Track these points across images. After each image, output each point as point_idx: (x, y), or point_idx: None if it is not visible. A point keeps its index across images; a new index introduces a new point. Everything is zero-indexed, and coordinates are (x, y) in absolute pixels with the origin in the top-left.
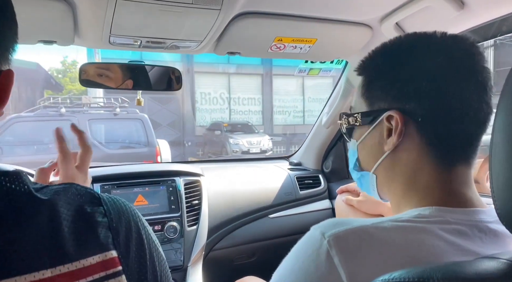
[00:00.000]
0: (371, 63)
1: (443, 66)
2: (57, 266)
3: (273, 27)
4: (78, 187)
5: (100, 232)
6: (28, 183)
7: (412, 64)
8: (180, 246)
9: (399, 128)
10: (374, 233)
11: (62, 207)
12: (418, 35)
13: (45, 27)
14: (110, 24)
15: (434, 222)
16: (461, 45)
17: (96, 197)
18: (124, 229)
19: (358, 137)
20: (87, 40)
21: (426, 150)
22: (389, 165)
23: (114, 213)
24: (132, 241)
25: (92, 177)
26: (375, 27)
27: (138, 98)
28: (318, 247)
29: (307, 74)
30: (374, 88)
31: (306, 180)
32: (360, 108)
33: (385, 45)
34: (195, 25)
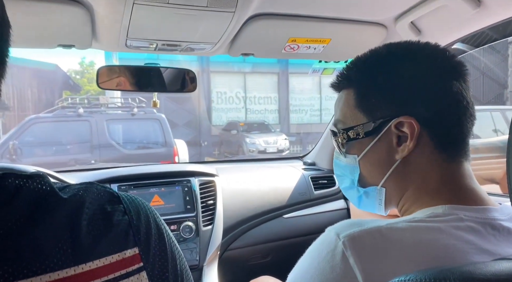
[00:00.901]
0: (361, 74)
1: (441, 67)
2: (80, 264)
3: (287, 28)
4: (98, 186)
5: (121, 230)
6: (51, 183)
7: (415, 70)
8: (196, 246)
9: (416, 132)
10: (388, 234)
11: (83, 206)
12: (401, 43)
13: (64, 31)
14: (127, 28)
15: (447, 221)
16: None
17: (115, 196)
18: (144, 227)
19: (358, 151)
20: (105, 43)
21: (436, 151)
22: (400, 173)
23: (133, 211)
24: (152, 238)
25: (109, 178)
26: (389, 26)
27: (154, 100)
28: (333, 248)
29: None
30: (371, 97)
31: (321, 180)
32: (356, 121)
33: (374, 55)
34: (210, 27)
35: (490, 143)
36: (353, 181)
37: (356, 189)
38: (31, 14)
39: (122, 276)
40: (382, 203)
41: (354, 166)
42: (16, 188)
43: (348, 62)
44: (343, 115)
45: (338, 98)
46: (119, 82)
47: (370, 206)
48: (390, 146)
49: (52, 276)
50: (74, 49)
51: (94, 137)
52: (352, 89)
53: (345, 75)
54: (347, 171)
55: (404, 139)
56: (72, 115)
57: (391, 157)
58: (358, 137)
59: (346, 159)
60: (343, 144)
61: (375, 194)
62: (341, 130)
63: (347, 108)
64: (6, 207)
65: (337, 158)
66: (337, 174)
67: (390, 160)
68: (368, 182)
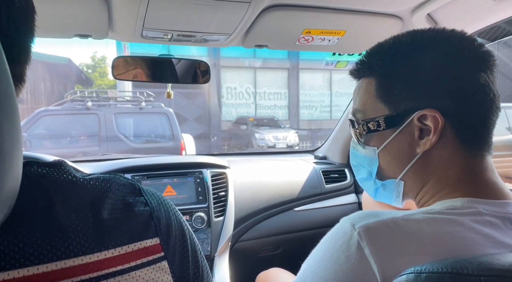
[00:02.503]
0: (383, 63)
1: (469, 58)
2: (102, 250)
3: (302, 20)
4: (121, 178)
5: (142, 220)
6: (72, 171)
7: (441, 60)
8: (207, 237)
9: (440, 126)
10: (404, 225)
11: (105, 195)
12: (426, 30)
13: (81, 21)
14: (144, 18)
15: (466, 214)
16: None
17: (136, 188)
18: (165, 218)
19: (378, 143)
20: (121, 33)
21: (459, 144)
22: (420, 166)
23: (154, 202)
24: (172, 229)
25: (123, 168)
26: (405, 18)
27: (168, 91)
28: (348, 238)
29: (335, 66)
30: (394, 88)
31: (332, 174)
32: (376, 112)
33: (397, 43)
34: (225, 18)
35: (504, 141)
36: (371, 173)
37: (373, 181)
38: (49, 4)
39: (143, 264)
40: (400, 196)
41: (372, 158)
42: (39, 175)
43: (369, 49)
44: (362, 105)
45: (358, 86)
46: (134, 73)
47: (387, 198)
48: (412, 139)
49: (76, 261)
50: (88, 40)
51: (102, 130)
52: (374, 78)
53: (366, 63)
54: (365, 162)
55: (427, 132)
56: (80, 108)
57: (412, 150)
58: (379, 129)
59: (364, 150)
60: (362, 135)
61: (393, 186)
62: (360, 121)
63: (368, 97)
64: (29, 193)
65: (354, 148)
66: (354, 165)
67: (411, 153)
68: (387, 175)
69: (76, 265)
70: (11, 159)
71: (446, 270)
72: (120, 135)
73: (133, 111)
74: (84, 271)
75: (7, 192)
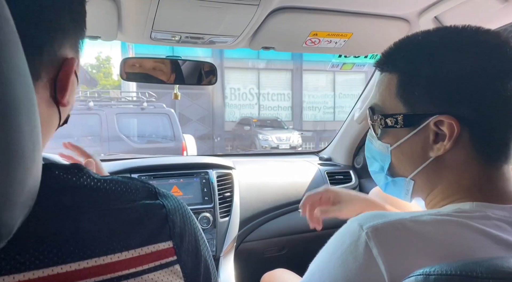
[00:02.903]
0: (407, 61)
1: (498, 66)
2: (116, 253)
3: (309, 22)
4: (136, 180)
5: (157, 222)
6: (90, 174)
7: (467, 66)
8: (213, 237)
9: (455, 134)
10: (412, 226)
11: (121, 198)
12: (459, 29)
13: (90, 23)
14: (153, 20)
15: (474, 217)
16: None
17: (152, 190)
18: (179, 221)
19: (392, 140)
20: (130, 35)
21: (475, 153)
22: (432, 170)
23: (170, 205)
24: (186, 233)
25: (130, 168)
26: (412, 21)
27: (175, 92)
28: (356, 239)
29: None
30: (415, 89)
31: (337, 176)
32: (394, 109)
33: (425, 41)
34: (233, 20)
35: None
36: (383, 168)
37: (384, 176)
38: None
39: (156, 268)
40: (409, 194)
41: (386, 154)
42: (60, 179)
43: (398, 41)
44: (382, 101)
45: (380, 81)
46: (142, 74)
47: (396, 193)
48: (426, 142)
49: (90, 263)
50: (94, 41)
51: (103, 131)
52: (396, 76)
53: (391, 57)
54: (378, 157)
55: (442, 137)
56: (82, 108)
57: (425, 153)
58: (396, 126)
59: (378, 144)
60: (379, 128)
61: (403, 184)
62: (380, 115)
63: (388, 94)
64: (51, 196)
65: (369, 140)
66: (368, 156)
67: (424, 156)
68: (398, 173)
69: (89, 266)
70: (32, 161)
71: (455, 273)
72: (122, 135)
73: (134, 112)
74: (98, 273)
75: (28, 193)
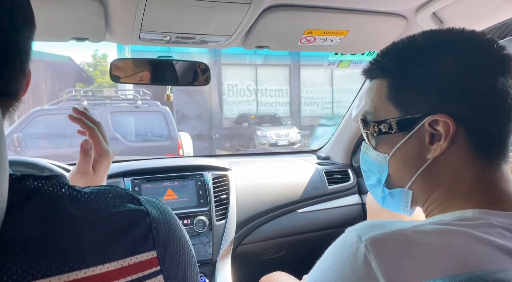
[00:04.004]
0: (396, 64)
1: (487, 62)
2: (98, 265)
3: (303, 20)
4: (118, 189)
5: (141, 232)
6: (68, 184)
7: (457, 64)
8: (209, 240)
9: (451, 132)
10: (413, 237)
11: (102, 208)
12: (444, 31)
13: (77, 24)
14: (141, 21)
15: (476, 226)
16: (483, 38)
17: (135, 198)
18: (164, 229)
19: (388, 148)
20: (118, 36)
21: (472, 151)
22: (429, 174)
23: (154, 213)
24: (171, 241)
25: (122, 172)
26: (410, 17)
27: (167, 93)
28: (354, 251)
29: (337, 66)
30: (406, 90)
31: (335, 175)
32: (387, 114)
33: (412, 44)
34: (225, 19)
35: None
36: (380, 180)
37: (381, 189)
38: (44, 7)
39: (139, 279)
40: (408, 205)
41: (383, 165)
42: (34, 189)
43: (384, 48)
44: (373, 107)
45: (369, 88)
46: (133, 75)
47: (395, 207)
48: (422, 144)
49: (71, 276)
50: (87, 42)
51: None
52: (386, 80)
53: (379, 63)
54: (375, 169)
55: (438, 138)
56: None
57: (422, 156)
58: (390, 132)
59: (375, 155)
60: (373, 136)
61: (401, 196)
62: (372, 122)
63: (379, 100)
64: (20, 208)
65: (365, 152)
66: (364, 170)
67: (421, 159)
68: (395, 184)
69: (70, 280)
70: None
71: None
72: (116, 134)
73: (129, 110)
74: None
75: None
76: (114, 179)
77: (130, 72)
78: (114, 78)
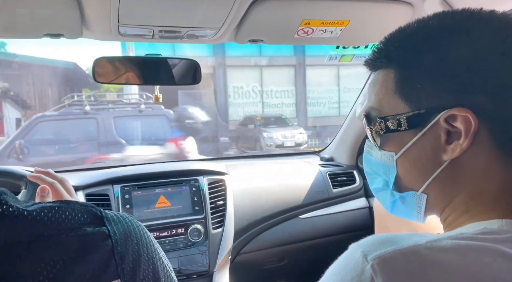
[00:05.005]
0: (405, 52)
1: (509, 44)
2: None
3: (300, 9)
4: (77, 205)
5: (101, 258)
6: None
7: (476, 48)
8: (205, 250)
9: (473, 129)
10: (429, 255)
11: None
12: (458, 11)
13: (50, 19)
14: (117, 13)
15: (504, 240)
16: (505, 18)
17: (98, 216)
18: (131, 253)
19: (395, 148)
20: (96, 32)
21: (497, 152)
22: (447, 177)
23: (119, 234)
24: (140, 268)
25: (112, 178)
26: (416, 4)
27: (155, 94)
28: (359, 273)
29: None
30: (417, 81)
31: (340, 177)
32: (394, 109)
33: (422, 27)
34: (211, 9)
35: None
36: (387, 182)
37: (390, 192)
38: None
39: None
40: (422, 211)
41: (390, 165)
42: None
43: (388, 35)
44: (378, 102)
45: (373, 80)
46: (118, 75)
47: (406, 213)
48: (437, 143)
49: None
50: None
51: (101, 135)
52: (392, 70)
53: (384, 51)
54: (381, 170)
55: (456, 136)
56: (78, 113)
57: (438, 157)
58: (399, 129)
59: (380, 155)
60: (379, 134)
61: (413, 200)
62: (378, 118)
63: (385, 93)
64: None
65: (368, 152)
66: (368, 172)
67: (436, 160)
68: (406, 186)
69: None
70: None
71: None
72: (120, 139)
73: (132, 114)
74: None
75: None
76: (103, 187)
77: (116, 72)
78: (98, 78)
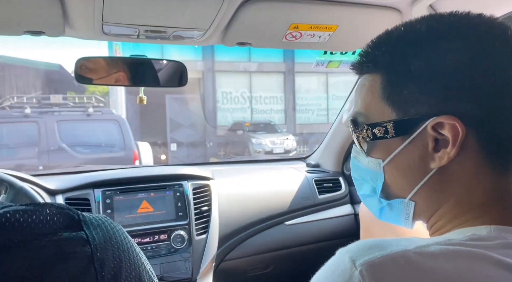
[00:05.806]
0: (391, 56)
1: (501, 51)
2: None
3: (288, 13)
4: (52, 207)
5: (79, 265)
6: None
7: (465, 54)
8: (188, 257)
9: (461, 137)
10: (418, 261)
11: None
12: (446, 16)
13: (31, 16)
14: (102, 11)
15: (493, 246)
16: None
17: (75, 219)
18: (112, 260)
19: (383, 154)
20: (79, 30)
21: (484, 159)
22: (435, 185)
23: (99, 239)
24: (123, 270)
25: (93, 182)
26: (404, 10)
27: (140, 95)
28: (348, 279)
29: (326, 67)
30: (404, 88)
31: (326, 183)
32: (381, 115)
33: (409, 32)
34: (198, 10)
35: None
36: (375, 189)
37: (378, 199)
38: None
39: None
40: (410, 218)
41: (377, 172)
42: None
43: (375, 38)
44: (365, 107)
45: (360, 85)
46: (101, 76)
47: (394, 220)
48: (425, 151)
49: None
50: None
51: (42, 140)
52: (379, 75)
53: (370, 55)
54: (368, 177)
55: (444, 143)
56: (18, 116)
57: (425, 165)
58: (386, 137)
59: (367, 162)
60: (366, 141)
61: (401, 207)
62: (365, 125)
63: (372, 98)
64: None
65: (355, 158)
66: (355, 178)
67: (424, 168)
68: (394, 193)
69: None
70: None
71: None
72: (64, 145)
73: (79, 118)
74: None
75: None
76: (83, 191)
77: (99, 73)
78: (79, 78)
